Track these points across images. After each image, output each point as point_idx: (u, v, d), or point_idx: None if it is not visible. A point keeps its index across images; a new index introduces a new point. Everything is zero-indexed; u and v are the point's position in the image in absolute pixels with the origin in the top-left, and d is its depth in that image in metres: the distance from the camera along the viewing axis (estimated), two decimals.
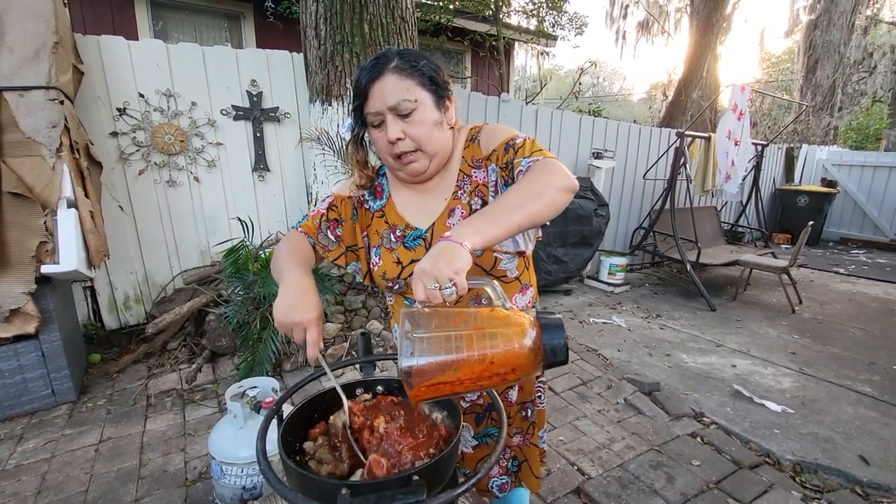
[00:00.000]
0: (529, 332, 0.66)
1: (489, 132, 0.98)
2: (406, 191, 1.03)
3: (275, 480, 0.61)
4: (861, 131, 12.13)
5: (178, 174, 3.14)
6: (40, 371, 2.27)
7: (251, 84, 3.26)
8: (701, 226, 4.72)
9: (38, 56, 2.23)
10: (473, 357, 0.64)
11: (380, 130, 0.91)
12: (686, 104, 8.03)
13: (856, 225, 7.56)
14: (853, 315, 4.00)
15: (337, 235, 1.01)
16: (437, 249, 0.69)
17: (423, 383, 0.64)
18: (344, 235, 1.02)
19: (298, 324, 0.77)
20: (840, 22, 10.95)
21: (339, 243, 1.02)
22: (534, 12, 6.96)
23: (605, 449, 2.07)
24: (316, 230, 1.00)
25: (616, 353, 3.11)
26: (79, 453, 1.99)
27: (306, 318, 0.77)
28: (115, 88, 2.90)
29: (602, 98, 20.72)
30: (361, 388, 0.90)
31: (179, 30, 5.16)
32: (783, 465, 2.00)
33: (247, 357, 2.47)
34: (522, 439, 1.15)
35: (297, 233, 0.99)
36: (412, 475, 0.61)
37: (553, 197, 0.77)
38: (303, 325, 0.77)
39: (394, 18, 3.03)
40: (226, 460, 1.52)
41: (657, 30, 12.47)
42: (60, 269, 2.16)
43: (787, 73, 16.40)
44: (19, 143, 2.15)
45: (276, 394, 1.61)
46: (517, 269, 1.01)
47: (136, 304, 3.19)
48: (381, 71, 0.87)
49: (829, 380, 2.77)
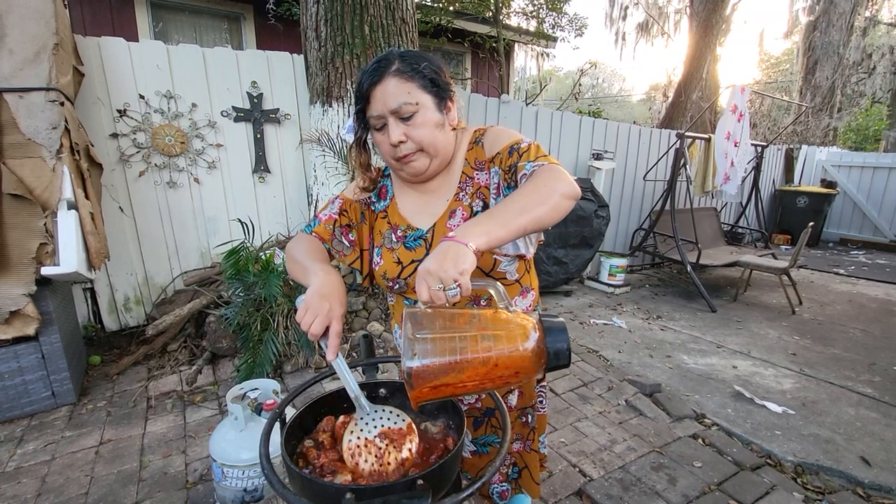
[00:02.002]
0: (533, 334, 0.66)
1: (493, 135, 0.98)
2: (409, 191, 1.03)
3: (279, 485, 0.60)
4: (860, 132, 12.14)
5: (179, 175, 3.14)
6: (40, 373, 2.26)
7: (251, 85, 3.26)
8: (701, 227, 4.72)
9: (39, 57, 2.22)
10: (477, 359, 0.64)
11: (382, 133, 0.91)
12: (686, 105, 8.04)
13: (855, 226, 7.56)
14: (853, 316, 4.00)
15: (351, 240, 1.02)
16: (442, 250, 0.69)
17: (426, 384, 0.64)
18: (357, 239, 1.03)
19: (329, 312, 0.76)
20: (839, 23, 10.97)
21: (354, 247, 1.03)
22: (534, 14, 6.97)
23: (606, 450, 2.07)
24: (330, 236, 1.01)
25: (617, 354, 3.10)
26: (79, 455, 1.98)
27: (336, 307, 0.78)
28: (116, 90, 2.90)
29: (602, 99, 20.74)
30: (364, 391, 0.90)
31: (180, 31, 5.16)
32: (784, 466, 1.99)
33: (247, 359, 2.46)
34: (522, 445, 1.15)
35: (309, 237, 1.00)
36: (416, 479, 0.61)
37: (558, 202, 0.77)
38: (332, 314, 0.77)
39: (394, 20, 3.03)
40: (227, 462, 1.51)
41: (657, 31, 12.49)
42: (60, 270, 2.15)
43: (786, 75, 16.42)
44: (19, 145, 2.15)
45: (277, 396, 1.60)
46: (517, 271, 1.01)
47: (136, 306, 3.18)
48: (382, 74, 0.87)
49: (830, 381, 2.77)
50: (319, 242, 0.99)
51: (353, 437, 0.72)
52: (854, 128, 12.28)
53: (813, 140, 10.80)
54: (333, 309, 0.77)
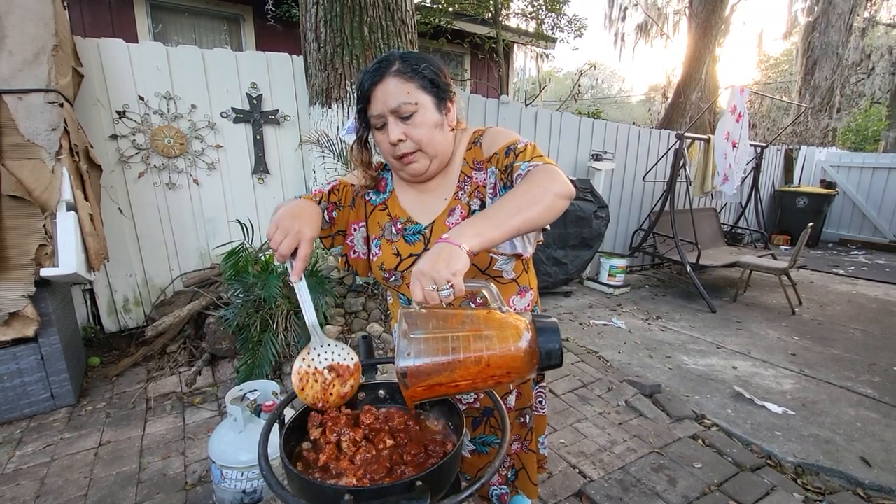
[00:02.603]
0: (525, 335, 0.67)
1: (492, 135, 0.99)
2: (409, 189, 1.04)
3: (277, 486, 0.60)
4: (860, 133, 12.16)
5: (178, 177, 3.14)
6: (39, 374, 2.26)
7: (251, 87, 3.26)
8: (701, 227, 4.72)
9: (38, 59, 2.22)
10: (470, 359, 0.64)
11: (382, 132, 0.93)
12: (685, 106, 8.05)
13: (855, 226, 7.57)
14: (853, 316, 4.00)
15: (332, 217, 1.02)
16: (436, 251, 0.69)
17: (420, 384, 0.65)
18: (338, 219, 1.03)
19: (297, 232, 0.76)
20: (838, 24, 10.98)
21: (332, 225, 1.03)
22: (533, 15, 6.98)
23: (606, 451, 2.06)
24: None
25: (616, 354, 3.10)
26: (78, 457, 1.98)
27: (306, 230, 0.78)
28: (115, 91, 2.90)
29: (601, 100, 20.77)
30: (363, 392, 0.90)
31: (179, 32, 5.16)
32: (785, 467, 1.99)
33: (247, 360, 2.46)
34: (520, 446, 1.15)
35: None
36: (415, 480, 0.61)
37: (551, 202, 0.78)
38: (300, 234, 0.77)
39: (393, 21, 3.03)
40: (226, 464, 1.51)
41: (656, 32, 12.50)
42: (60, 272, 2.15)
43: (785, 75, 16.44)
44: (19, 146, 2.15)
45: (276, 397, 1.60)
46: (514, 270, 1.01)
47: (135, 307, 3.18)
48: (383, 74, 0.89)
49: (830, 381, 2.77)
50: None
51: (304, 364, 0.77)
52: (853, 128, 12.30)
53: (812, 140, 10.81)
54: (302, 231, 0.77)
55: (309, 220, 0.80)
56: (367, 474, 0.67)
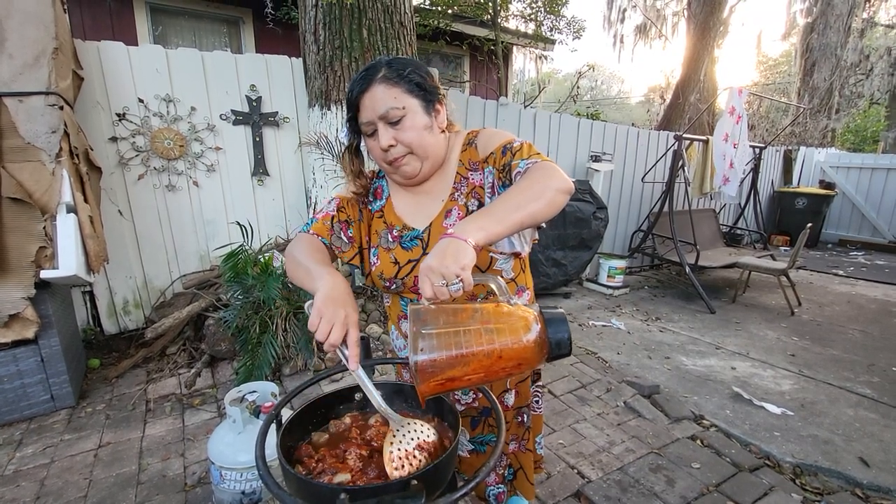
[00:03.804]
0: (534, 326, 0.69)
1: (486, 136, 1.00)
2: (404, 193, 1.05)
3: (274, 486, 0.61)
4: (859, 133, 12.18)
5: (178, 179, 3.15)
6: (39, 376, 2.26)
7: (250, 89, 3.27)
8: (700, 228, 4.73)
9: (38, 62, 2.23)
10: (482, 351, 0.65)
11: (373, 139, 0.94)
12: (684, 107, 8.06)
13: (854, 227, 7.57)
14: (852, 317, 4.01)
15: (349, 236, 1.02)
16: (443, 246, 0.70)
17: (433, 379, 0.66)
18: (356, 235, 1.03)
19: (344, 318, 0.73)
20: (837, 25, 11.00)
21: (353, 244, 1.03)
22: (532, 16, 6.98)
23: (604, 452, 2.07)
24: (329, 232, 1.00)
25: (615, 355, 3.10)
26: (78, 458, 1.98)
27: (352, 313, 0.75)
28: (115, 94, 2.91)
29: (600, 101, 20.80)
30: (360, 394, 0.90)
31: (179, 35, 5.17)
32: (783, 467, 2.00)
33: (246, 361, 2.47)
34: (518, 445, 1.15)
35: (308, 235, 0.98)
36: (411, 479, 0.61)
37: (552, 197, 0.80)
38: (347, 320, 0.73)
39: (392, 23, 3.04)
40: (225, 465, 1.51)
41: (655, 33, 12.52)
42: (60, 274, 2.16)
43: (784, 76, 16.45)
44: (19, 149, 2.16)
45: (275, 398, 1.60)
46: (513, 270, 1.02)
47: (135, 309, 3.19)
48: (370, 82, 0.90)
49: (829, 382, 2.77)
50: (319, 241, 0.98)
51: (394, 449, 0.73)
52: (852, 129, 12.32)
53: (811, 141, 10.82)
54: (349, 316, 0.74)
55: (350, 301, 0.76)
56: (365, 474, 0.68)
